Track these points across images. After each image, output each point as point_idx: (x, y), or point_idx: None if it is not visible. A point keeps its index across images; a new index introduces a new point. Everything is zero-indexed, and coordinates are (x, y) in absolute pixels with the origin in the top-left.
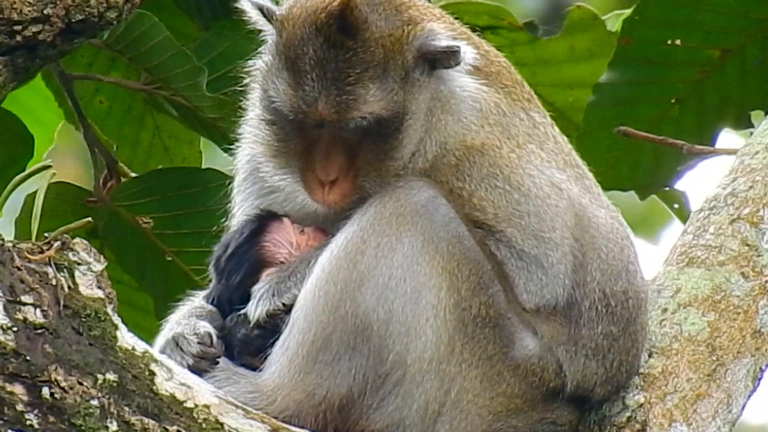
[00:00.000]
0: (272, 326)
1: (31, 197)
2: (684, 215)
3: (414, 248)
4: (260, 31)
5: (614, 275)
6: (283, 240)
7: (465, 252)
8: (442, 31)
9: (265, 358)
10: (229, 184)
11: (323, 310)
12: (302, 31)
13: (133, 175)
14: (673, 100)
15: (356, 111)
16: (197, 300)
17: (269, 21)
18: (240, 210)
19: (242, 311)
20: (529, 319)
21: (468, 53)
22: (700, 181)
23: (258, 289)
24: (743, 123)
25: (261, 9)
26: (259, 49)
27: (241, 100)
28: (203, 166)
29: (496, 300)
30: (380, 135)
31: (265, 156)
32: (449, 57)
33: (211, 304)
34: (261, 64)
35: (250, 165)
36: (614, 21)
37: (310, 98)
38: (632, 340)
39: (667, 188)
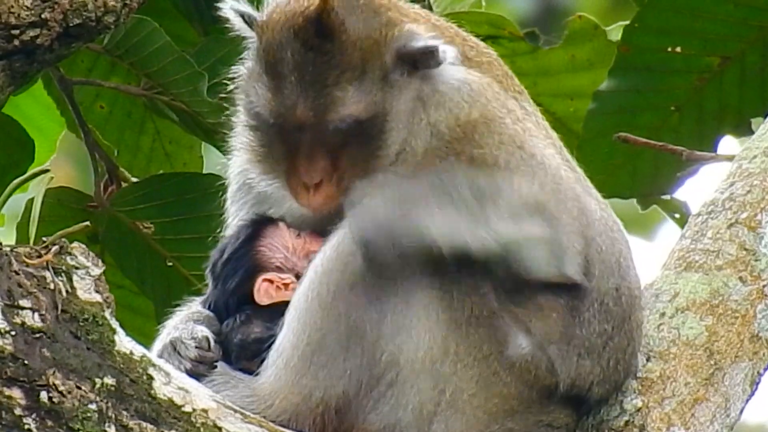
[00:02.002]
0: (268, 334)
1: (32, 202)
2: (685, 224)
3: (404, 249)
4: (244, 37)
5: (607, 271)
6: (279, 244)
7: None
8: (421, 33)
9: (263, 362)
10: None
11: (316, 313)
12: (281, 36)
13: (134, 180)
14: (672, 108)
15: (334, 114)
16: (195, 305)
17: (250, 27)
18: (235, 219)
19: (239, 315)
20: (521, 317)
21: (448, 52)
22: (701, 187)
23: None
24: (743, 130)
25: (242, 15)
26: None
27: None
28: (204, 171)
29: (489, 299)
30: (362, 137)
31: (251, 162)
32: (428, 57)
33: (209, 309)
34: (243, 70)
35: (243, 175)
36: (617, 32)
37: (289, 102)
38: (628, 338)
39: (668, 197)
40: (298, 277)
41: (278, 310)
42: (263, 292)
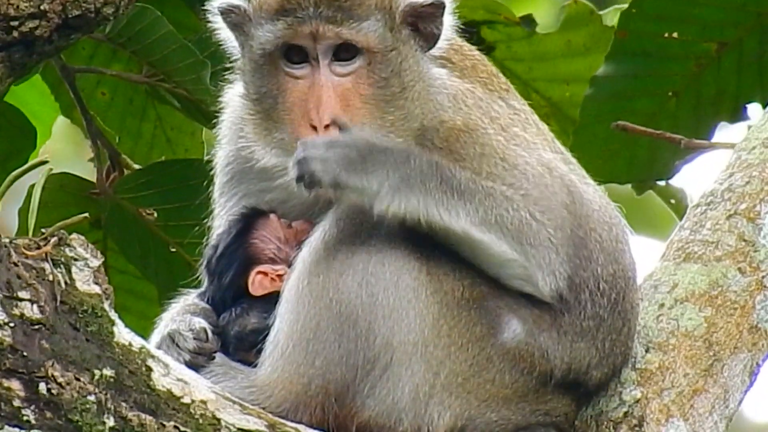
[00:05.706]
0: (265, 325)
1: (34, 188)
2: (681, 211)
3: (390, 233)
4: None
5: (604, 258)
6: (271, 236)
7: None
8: None
9: (260, 352)
10: None
11: (308, 301)
12: None
13: (136, 166)
14: (670, 93)
15: (349, 28)
16: (191, 297)
17: (244, 12)
18: (224, 211)
19: (235, 308)
20: (512, 301)
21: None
22: (698, 175)
23: None
24: (739, 116)
25: (233, 8)
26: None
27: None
28: (206, 157)
29: (478, 282)
30: (374, 80)
31: (256, 133)
32: (435, 13)
33: (206, 304)
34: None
35: (232, 167)
36: (613, 16)
37: (302, 17)
38: (622, 319)
39: (664, 183)
40: (291, 266)
41: (274, 300)
42: (258, 284)
